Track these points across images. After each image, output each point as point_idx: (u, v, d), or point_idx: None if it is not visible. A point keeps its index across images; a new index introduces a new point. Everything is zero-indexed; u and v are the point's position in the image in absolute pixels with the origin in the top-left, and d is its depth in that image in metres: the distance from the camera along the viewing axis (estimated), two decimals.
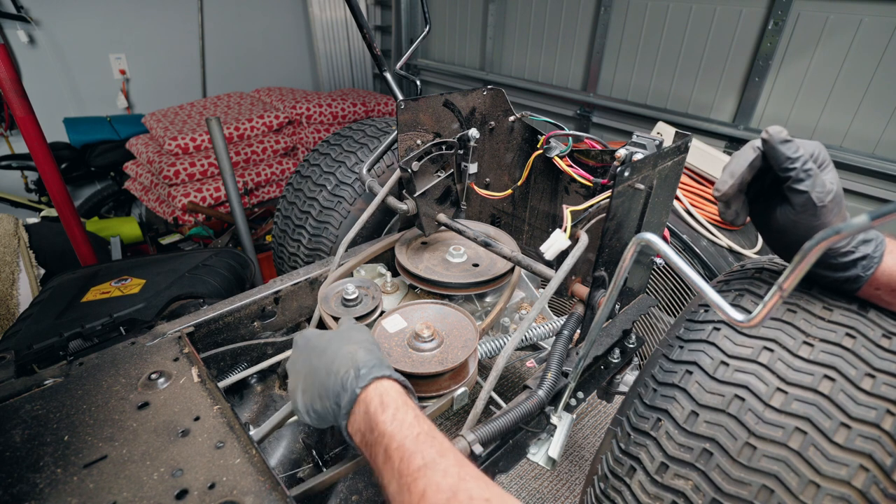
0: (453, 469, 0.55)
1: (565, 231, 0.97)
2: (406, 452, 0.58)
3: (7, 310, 1.95)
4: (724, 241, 1.80)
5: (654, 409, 0.79)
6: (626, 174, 0.87)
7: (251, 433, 0.87)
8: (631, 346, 1.17)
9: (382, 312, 1.16)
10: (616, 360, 1.14)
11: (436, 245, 1.39)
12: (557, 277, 0.95)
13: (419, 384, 0.95)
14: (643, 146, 1.02)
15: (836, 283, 0.75)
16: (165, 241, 3.40)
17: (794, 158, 0.69)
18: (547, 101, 3.46)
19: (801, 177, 0.69)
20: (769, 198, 0.78)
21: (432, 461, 0.56)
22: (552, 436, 0.94)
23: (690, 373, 0.77)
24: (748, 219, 0.83)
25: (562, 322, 1.06)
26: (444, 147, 1.28)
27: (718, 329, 0.80)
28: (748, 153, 0.74)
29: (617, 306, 1.14)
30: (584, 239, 0.99)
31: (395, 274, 1.39)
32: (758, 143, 0.74)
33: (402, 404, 0.64)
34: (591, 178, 1.15)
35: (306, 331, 0.84)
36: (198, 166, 3.24)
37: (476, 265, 1.30)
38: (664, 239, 0.95)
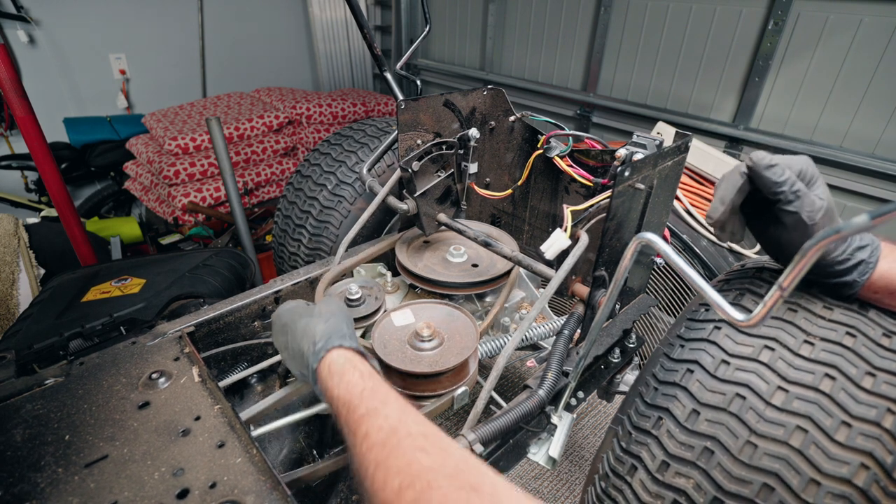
0: (394, 413, 0.60)
1: (565, 231, 0.97)
2: (351, 406, 0.63)
3: (7, 310, 1.95)
4: None
5: (656, 407, 0.79)
6: (627, 174, 0.87)
7: (253, 433, 0.87)
8: (631, 345, 1.17)
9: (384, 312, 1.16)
10: (616, 360, 1.14)
11: (436, 245, 1.39)
12: (558, 277, 0.95)
13: (419, 384, 0.95)
14: (643, 146, 1.02)
15: (833, 289, 0.76)
16: (165, 241, 3.39)
17: (781, 182, 0.70)
18: (547, 101, 3.46)
19: (789, 198, 0.71)
20: (763, 215, 0.79)
21: (374, 409, 0.61)
22: (552, 435, 0.94)
23: (691, 371, 0.77)
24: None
25: (562, 322, 1.06)
26: (444, 147, 1.28)
27: (719, 328, 0.80)
28: (735, 179, 0.75)
29: (617, 306, 1.14)
30: (584, 239, 0.99)
31: (395, 274, 1.39)
32: (744, 168, 0.75)
33: (348, 368, 0.69)
34: (592, 177, 1.15)
35: (280, 307, 0.88)
36: (198, 166, 3.24)
37: (476, 265, 1.30)
38: (664, 239, 0.95)
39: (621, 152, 1.04)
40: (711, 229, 0.82)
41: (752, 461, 0.66)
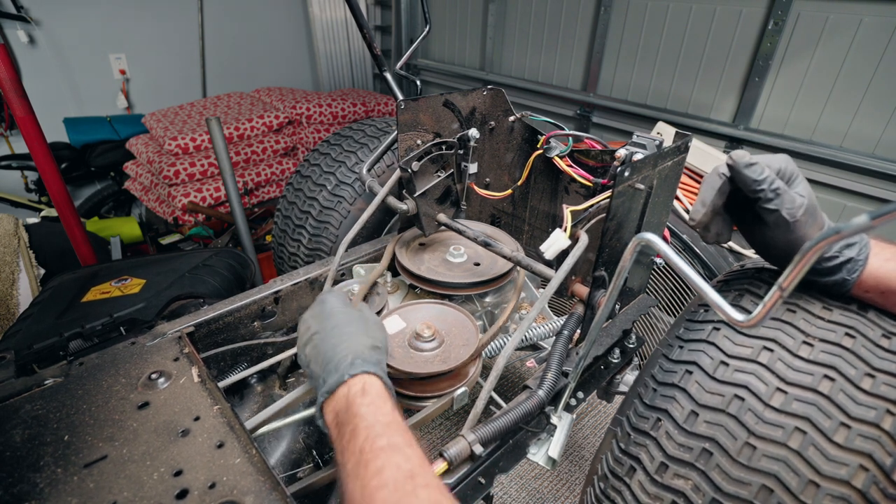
0: (416, 458, 0.57)
1: (565, 231, 0.97)
2: (373, 432, 0.59)
3: (7, 310, 1.95)
4: None
5: (654, 408, 0.79)
6: (627, 174, 0.87)
7: (252, 434, 0.87)
8: (631, 346, 1.17)
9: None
10: (616, 360, 1.14)
11: (436, 245, 1.39)
12: (557, 277, 0.95)
13: (419, 384, 0.95)
14: (643, 146, 1.02)
15: (824, 288, 0.77)
16: (165, 241, 3.40)
17: (761, 180, 0.71)
18: (547, 101, 3.46)
19: (769, 196, 0.71)
20: (747, 215, 0.80)
21: (397, 445, 0.57)
22: (552, 436, 0.94)
23: (690, 373, 0.77)
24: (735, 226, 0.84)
25: (562, 322, 1.06)
26: (444, 147, 1.28)
27: (718, 329, 0.80)
28: (715, 180, 0.76)
29: (617, 306, 1.14)
30: (584, 239, 0.99)
31: (395, 274, 1.39)
32: (723, 168, 0.75)
33: (382, 395, 0.66)
34: (591, 178, 1.15)
35: (333, 296, 0.84)
36: (198, 166, 3.24)
37: (477, 264, 1.30)
38: (664, 239, 0.95)
39: (621, 152, 1.04)
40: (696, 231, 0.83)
41: (751, 463, 0.66)
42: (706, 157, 1.98)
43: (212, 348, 1.17)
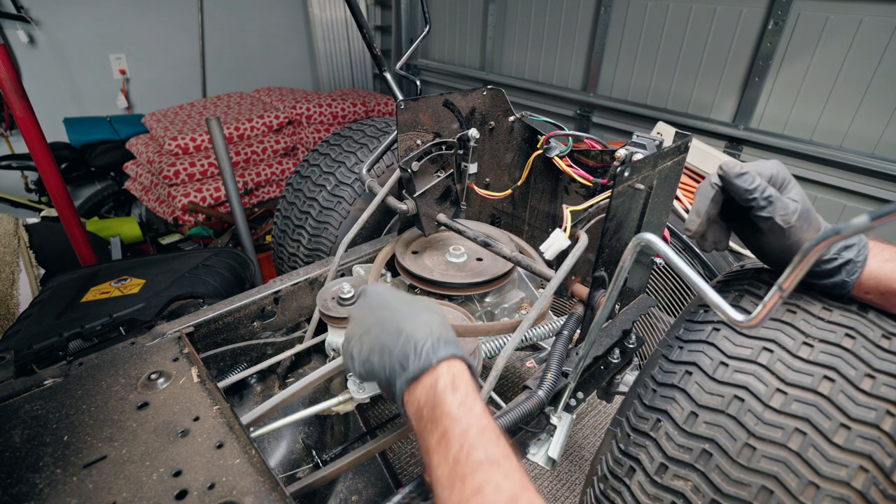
0: (516, 474, 0.53)
1: (565, 231, 0.97)
2: (468, 441, 0.55)
3: (7, 310, 1.95)
4: None
5: (654, 409, 0.79)
6: (626, 174, 0.87)
7: (252, 434, 0.87)
8: (631, 346, 1.17)
9: None
10: (616, 361, 1.14)
11: (436, 245, 1.39)
12: (557, 277, 0.95)
13: None
14: (643, 146, 1.02)
15: (824, 290, 0.77)
16: (165, 241, 3.40)
17: (752, 190, 0.71)
18: (547, 101, 3.46)
19: (762, 204, 0.71)
20: (743, 221, 0.80)
21: (495, 459, 0.53)
22: (552, 436, 0.94)
23: (690, 373, 0.77)
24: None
25: (562, 322, 1.06)
26: (443, 147, 1.28)
27: (718, 329, 0.80)
28: (707, 190, 0.76)
29: (617, 306, 1.14)
30: (583, 239, 0.99)
31: (394, 274, 1.39)
32: (715, 178, 0.75)
33: (472, 391, 0.61)
34: (591, 178, 1.15)
35: (378, 284, 0.78)
36: (198, 166, 3.25)
37: (480, 259, 1.30)
38: (664, 239, 0.95)
39: (621, 152, 1.04)
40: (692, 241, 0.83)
41: (751, 464, 0.66)
42: (706, 157, 1.98)
43: (211, 348, 1.17)
